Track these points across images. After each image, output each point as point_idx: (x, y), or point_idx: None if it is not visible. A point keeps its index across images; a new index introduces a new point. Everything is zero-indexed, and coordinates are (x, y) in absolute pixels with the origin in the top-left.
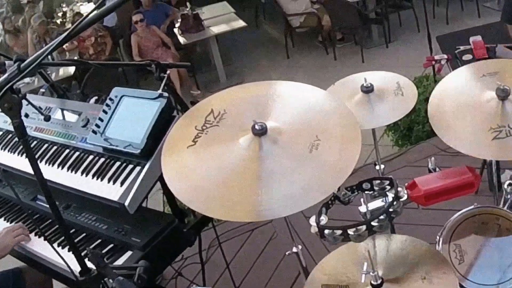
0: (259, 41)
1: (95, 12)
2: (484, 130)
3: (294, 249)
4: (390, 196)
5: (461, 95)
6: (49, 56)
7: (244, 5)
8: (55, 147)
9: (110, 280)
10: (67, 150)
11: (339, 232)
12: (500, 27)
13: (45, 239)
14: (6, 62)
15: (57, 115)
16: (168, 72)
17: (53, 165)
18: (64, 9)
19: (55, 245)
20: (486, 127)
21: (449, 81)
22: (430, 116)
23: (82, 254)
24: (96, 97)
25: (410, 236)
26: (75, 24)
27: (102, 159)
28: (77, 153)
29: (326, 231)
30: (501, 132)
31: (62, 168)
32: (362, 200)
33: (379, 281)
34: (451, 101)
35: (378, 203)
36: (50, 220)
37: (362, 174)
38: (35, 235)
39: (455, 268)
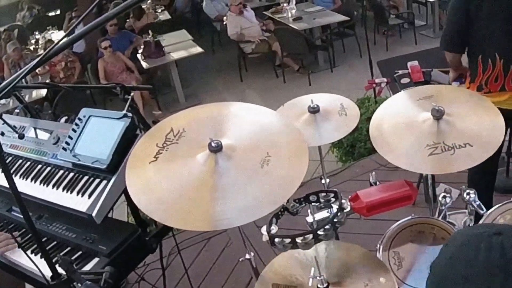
0: (215, 66)
1: (65, 39)
2: (421, 147)
3: (247, 256)
4: (335, 207)
5: (400, 117)
6: (23, 80)
7: (201, 33)
8: (28, 163)
9: (79, 285)
10: (40, 165)
11: (288, 240)
12: (436, 52)
13: (19, 247)
14: None
15: (30, 133)
16: (132, 94)
17: (26, 179)
18: (37, 37)
19: (28, 252)
20: (423, 144)
21: (388, 104)
22: (371, 135)
23: (53, 260)
24: (66, 117)
25: (354, 244)
26: (47, 50)
27: (72, 174)
28: (49, 168)
29: (276, 240)
30: (437, 148)
31: (35, 181)
32: (309, 211)
33: (325, 285)
34: (391, 122)
35: (323, 214)
36: (24, 230)
37: (309, 187)
38: None
39: (394, 273)
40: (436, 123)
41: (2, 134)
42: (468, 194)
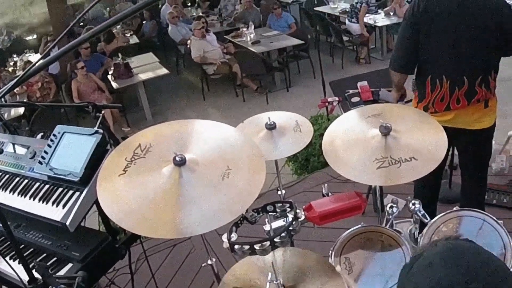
0: (180, 86)
1: (41, 61)
2: (370, 161)
3: (209, 262)
4: (290, 216)
5: (350, 133)
6: (2, 99)
7: (167, 56)
8: (7, 176)
9: None
10: (18, 178)
11: (247, 247)
12: (383, 73)
13: None
14: None
15: (9, 148)
16: (102, 112)
17: (5, 190)
18: (15, 59)
19: (7, 258)
20: (372, 158)
21: (339, 121)
22: (324, 150)
23: (30, 266)
24: (42, 133)
25: (308, 250)
26: (24, 71)
27: (47, 186)
28: (26, 180)
29: (236, 246)
30: (385, 162)
31: (13, 193)
32: (266, 220)
33: None
34: (342, 138)
35: (280, 223)
36: (3, 237)
37: (267, 198)
38: None
39: (345, 278)
40: (384, 138)
41: None
42: (414, 204)
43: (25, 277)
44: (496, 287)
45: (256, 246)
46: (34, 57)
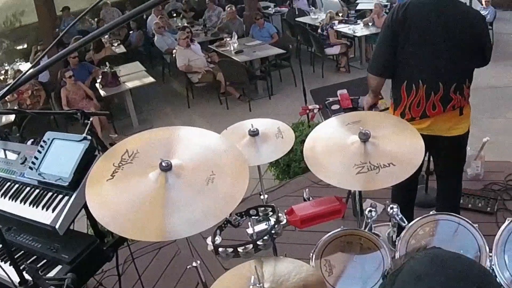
0: (165, 94)
1: (31, 70)
2: (349, 166)
3: (194, 264)
4: (272, 220)
5: (330, 139)
6: None
7: (153, 64)
8: None
9: None
10: (9, 183)
11: (230, 249)
12: (362, 82)
13: None
14: None
15: (0, 154)
16: (91, 119)
17: None
18: (6, 68)
19: None
20: (351, 164)
21: (320, 128)
22: (305, 156)
23: (21, 268)
24: (32, 140)
25: (292, 259)
26: (15, 80)
27: (37, 190)
28: (17, 185)
29: (220, 249)
30: (364, 167)
31: (4, 197)
32: (249, 223)
33: None
34: (322, 144)
35: (262, 226)
36: None
37: (250, 203)
38: None
39: (325, 279)
40: (363, 145)
41: None
42: (392, 208)
43: (16, 279)
44: (490, 283)
45: (240, 249)
46: (24, 66)
